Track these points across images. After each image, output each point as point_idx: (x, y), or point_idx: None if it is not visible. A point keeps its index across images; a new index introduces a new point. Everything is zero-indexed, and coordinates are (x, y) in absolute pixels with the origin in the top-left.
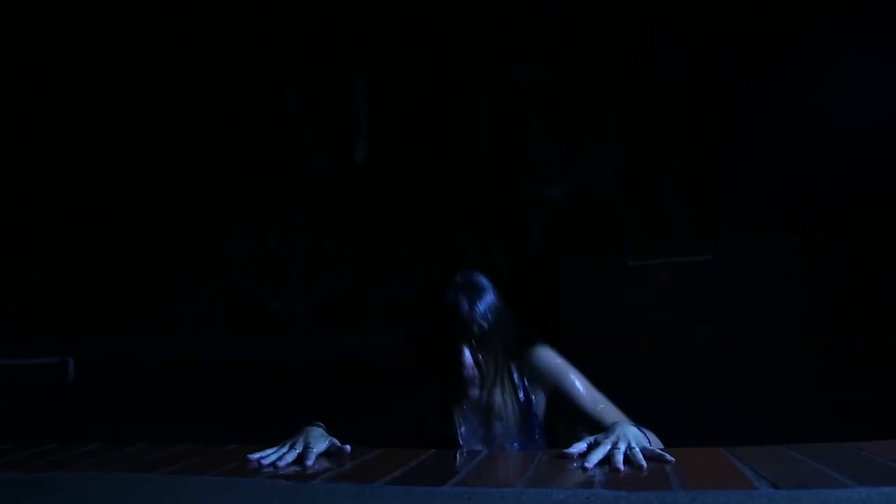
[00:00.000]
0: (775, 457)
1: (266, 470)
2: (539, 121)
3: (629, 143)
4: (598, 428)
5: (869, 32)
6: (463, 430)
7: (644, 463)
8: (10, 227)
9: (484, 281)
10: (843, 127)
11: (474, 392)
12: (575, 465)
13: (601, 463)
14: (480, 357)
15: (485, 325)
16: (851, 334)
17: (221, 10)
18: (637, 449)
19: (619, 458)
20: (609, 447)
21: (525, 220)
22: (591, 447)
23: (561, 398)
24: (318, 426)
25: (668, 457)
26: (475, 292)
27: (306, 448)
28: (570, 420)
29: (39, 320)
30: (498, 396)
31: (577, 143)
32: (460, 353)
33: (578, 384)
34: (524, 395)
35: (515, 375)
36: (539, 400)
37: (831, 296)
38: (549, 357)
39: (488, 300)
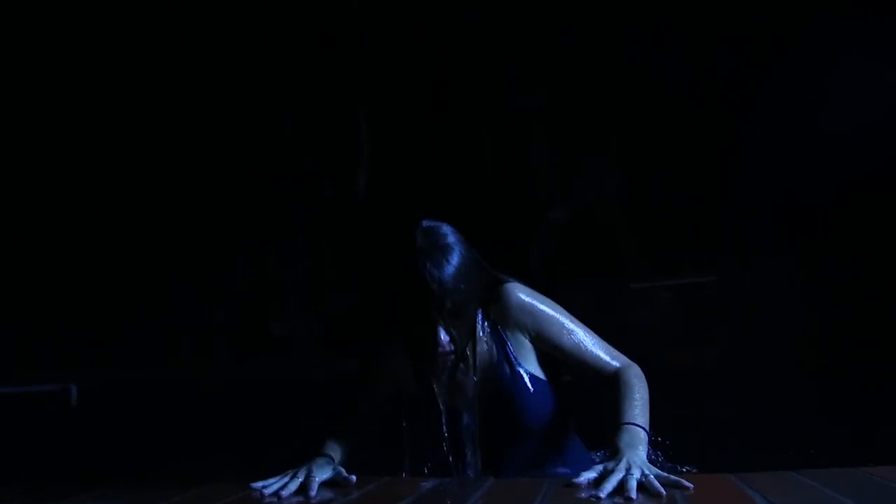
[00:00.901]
0: (785, 483)
1: (269, 500)
2: (539, 139)
3: (629, 163)
4: (590, 373)
5: (871, 34)
6: (437, 392)
7: (663, 490)
8: (10, 253)
9: (449, 236)
10: (847, 147)
11: (448, 363)
12: (584, 494)
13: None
14: (454, 332)
15: (458, 296)
16: (858, 353)
17: (221, 29)
18: (652, 476)
19: (633, 485)
20: (622, 474)
21: (525, 243)
22: (603, 475)
23: (544, 343)
24: (326, 455)
25: (686, 483)
26: (443, 256)
27: (309, 477)
28: (565, 367)
29: (39, 348)
30: (469, 351)
31: (577, 162)
32: (434, 334)
33: (560, 324)
34: (495, 341)
35: (482, 323)
36: (517, 341)
37: (836, 315)
38: (518, 295)
39: (458, 261)
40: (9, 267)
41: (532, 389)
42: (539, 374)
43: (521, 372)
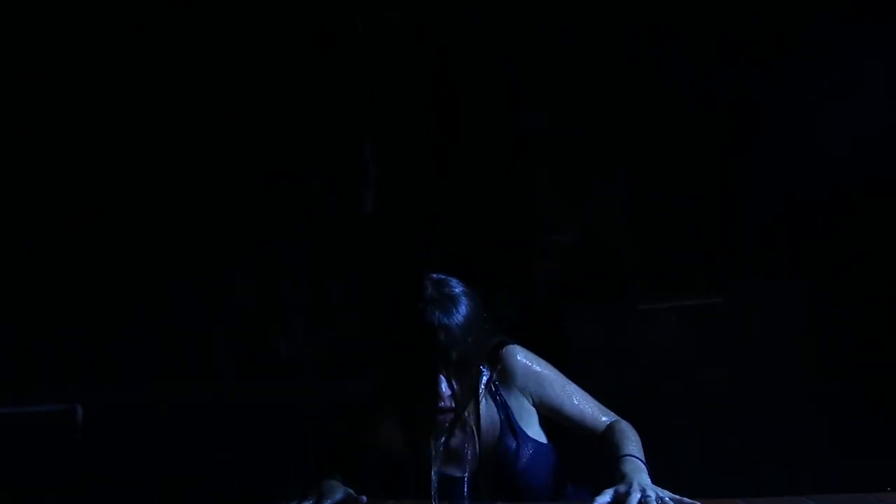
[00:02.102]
0: None
1: None
2: (543, 160)
3: (633, 184)
4: (586, 433)
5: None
6: (435, 464)
7: None
8: (15, 276)
9: (458, 289)
10: (855, 164)
11: (446, 422)
12: None
13: None
14: (456, 386)
15: (464, 347)
16: (867, 374)
17: (221, 36)
18: (667, 498)
19: None
20: (639, 494)
21: (531, 265)
22: (618, 499)
23: (545, 407)
24: (334, 478)
25: None
26: (453, 306)
27: (320, 499)
28: (566, 430)
29: (43, 367)
30: (470, 415)
31: (581, 184)
32: (436, 384)
33: (562, 387)
34: (497, 406)
35: (484, 386)
36: (520, 405)
37: (845, 336)
38: (522, 358)
39: (466, 314)
40: (9, 283)
41: (535, 456)
42: (541, 438)
43: (525, 439)
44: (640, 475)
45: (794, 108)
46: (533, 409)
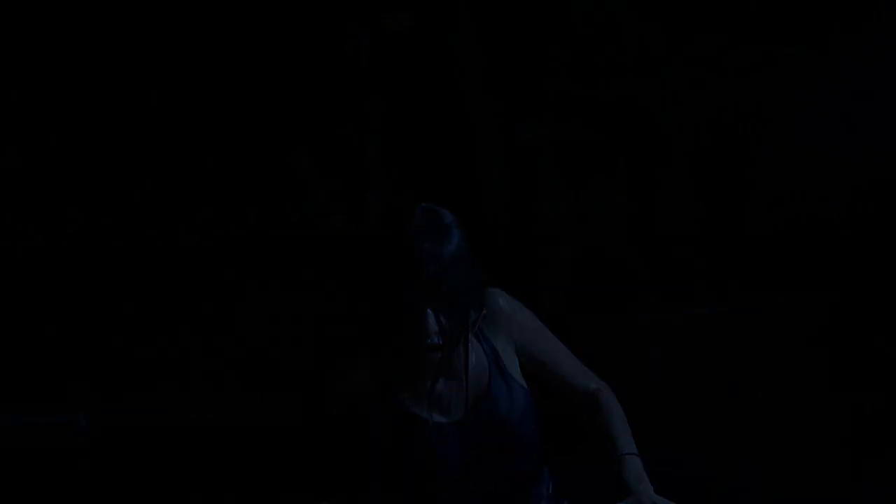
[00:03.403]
0: None
1: None
2: (547, 169)
3: (639, 196)
4: (563, 388)
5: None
6: (427, 405)
7: None
8: (16, 280)
9: (449, 218)
10: (866, 180)
11: (433, 361)
12: None
13: None
14: (444, 320)
15: (455, 279)
16: (871, 390)
17: (225, 51)
18: None
19: None
20: None
21: (534, 275)
22: None
23: (526, 354)
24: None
25: None
26: (443, 236)
27: None
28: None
29: (46, 379)
30: (457, 357)
31: (585, 193)
32: (423, 318)
33: (545, 334)
34: (483, 349)
35: (471, 325)
36: (504, 350)
37: (851, 349)
38: (507, 302)
39: (457, 245)
40: (9, 288)
41: (526, 402)
42: (525, 384)
43: (515, 385)
44: (644, 486)
45: (801, 115)
46: (515, 356)
